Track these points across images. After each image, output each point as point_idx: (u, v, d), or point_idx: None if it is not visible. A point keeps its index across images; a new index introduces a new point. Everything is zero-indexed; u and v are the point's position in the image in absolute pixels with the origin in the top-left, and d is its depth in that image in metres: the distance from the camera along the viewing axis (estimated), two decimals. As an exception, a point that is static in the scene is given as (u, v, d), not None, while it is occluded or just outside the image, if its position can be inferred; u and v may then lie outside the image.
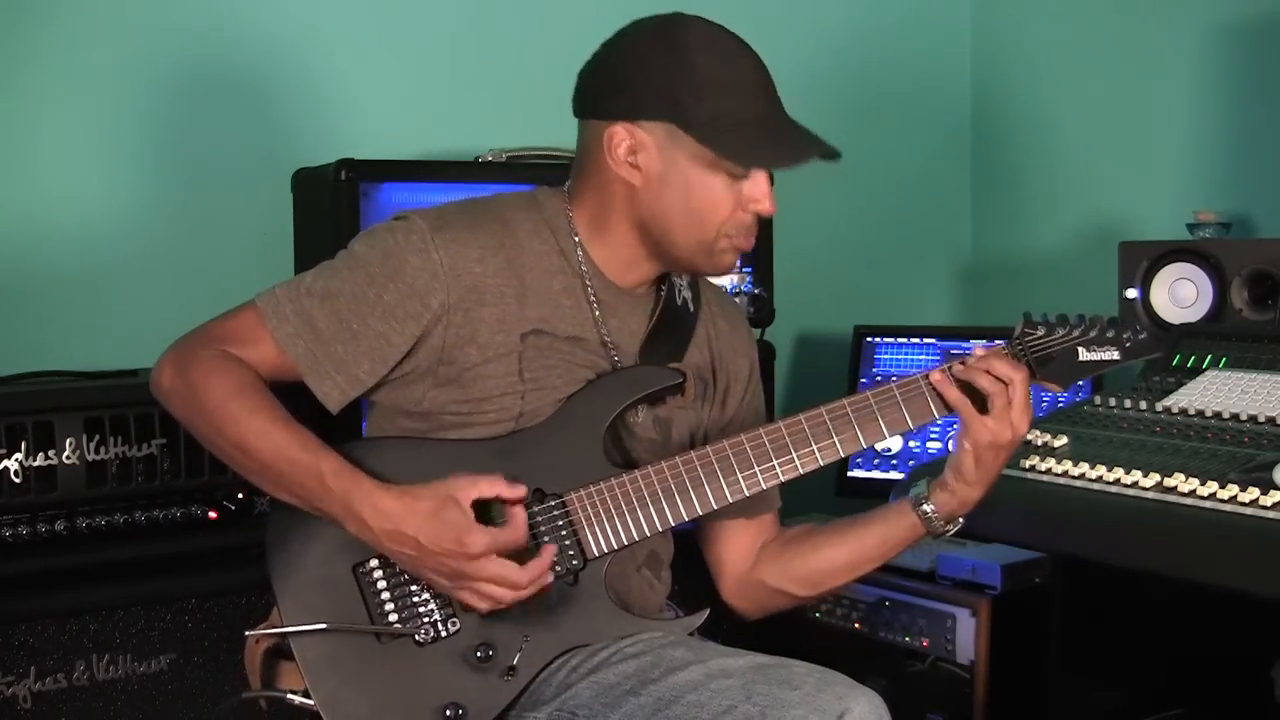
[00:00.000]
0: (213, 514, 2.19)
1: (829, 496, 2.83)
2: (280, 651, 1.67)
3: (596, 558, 1.67)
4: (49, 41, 2.47)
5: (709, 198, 1.67)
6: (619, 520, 1.67)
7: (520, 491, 1.61)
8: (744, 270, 2.82)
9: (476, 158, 2.60)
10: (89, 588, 2.10)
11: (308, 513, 1.64)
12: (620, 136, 1.67)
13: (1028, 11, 3.40)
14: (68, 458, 2.09)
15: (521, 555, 1.59)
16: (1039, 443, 2.02)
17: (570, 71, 1.74)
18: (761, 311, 2.82)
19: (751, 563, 1.88)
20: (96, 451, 2.11)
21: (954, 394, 1.68)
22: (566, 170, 1.79)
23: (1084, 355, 1.74)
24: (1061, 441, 2.01)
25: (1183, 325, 2.40)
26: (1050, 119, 3.32)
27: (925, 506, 1.76)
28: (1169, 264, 2.58)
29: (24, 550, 2.07)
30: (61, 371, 2.32)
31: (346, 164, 2.39)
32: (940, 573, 2.40)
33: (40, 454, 2.08)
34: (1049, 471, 1.93)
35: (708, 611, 1.76)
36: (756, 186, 1.69)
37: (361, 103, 2.74)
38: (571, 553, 1.66)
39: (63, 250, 2.49)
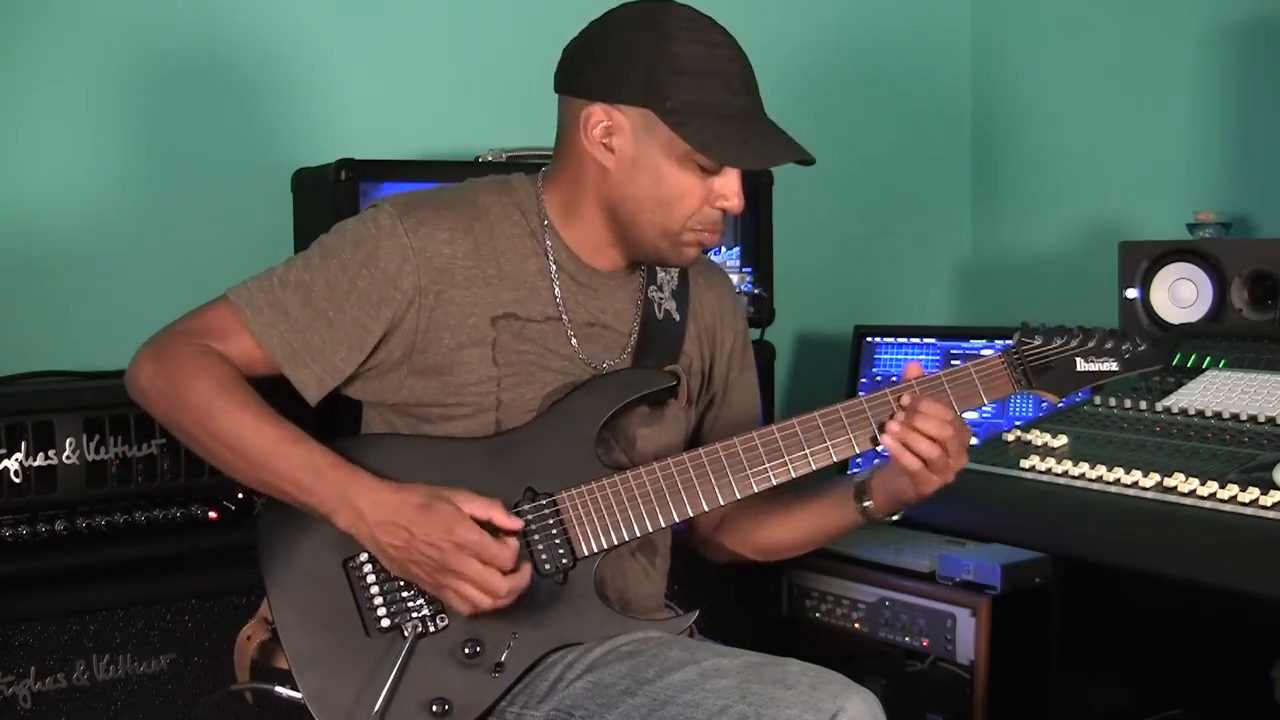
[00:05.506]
0: (213, 514, 2.19)
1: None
2: (270, 648, 1.68)
3: (586, 557, 1.67)
4: (45, 40, 2.46)
5: (679, 187, 1.68)
6: (609, 520, 1.67)
7: (516, 524, 1.62)
8: (744, 270, 2.82)
9: (476, 158, 2.59)
10: (89, 588, 2.09)
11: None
12: (597, 117, 1.68)
13: (1027, 11, 3.39)
14: (68, 458, 2.09)
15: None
16: (1039, 443, 2.02)
17: (571, 72, 1.74)
18: (761, 311, 2.81)
19: (716, 525, 1.91)
20: (96, 451, 2.11)
21: (909, 460, 1.67)
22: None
23: (1082, 365, 1.74)
24: (1061, 441, 2.01)
25: (1183, 325, 2.40)
26: (1050, 119, 3.32)
27: (867, 504, 1.78)
28: (1169, 264, 2.58)
29: (24, 550, 2.07)
30: (61, 371, 2.32)
31: (346, 164, 2.39)
32: (940, 573, 2.40)
33: (40, 454, 2.08)
34: (1049, 471, 1.92)
35: (696, 613, 1.77)
36: (727, 183, 1.69)
37: (361, 103, 2.74)
38: (561, 551, 1.67)
39: (63, 251, 2.48)
